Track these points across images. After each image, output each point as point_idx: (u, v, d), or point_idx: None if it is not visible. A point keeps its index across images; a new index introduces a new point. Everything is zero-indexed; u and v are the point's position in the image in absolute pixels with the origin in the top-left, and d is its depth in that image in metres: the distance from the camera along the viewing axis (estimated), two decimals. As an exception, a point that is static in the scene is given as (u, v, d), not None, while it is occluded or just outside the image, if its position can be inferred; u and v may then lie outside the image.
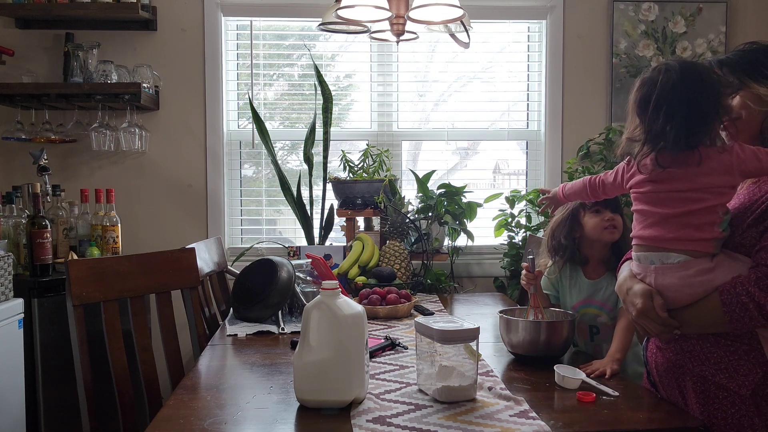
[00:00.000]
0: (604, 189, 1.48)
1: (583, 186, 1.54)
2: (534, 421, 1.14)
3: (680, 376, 1.28)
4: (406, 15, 1.93)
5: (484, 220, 2.88)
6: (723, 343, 1.21)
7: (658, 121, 1.22)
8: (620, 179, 1.38)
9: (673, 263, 1.23)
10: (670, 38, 2.99)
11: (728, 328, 1.18)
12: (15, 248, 2.37)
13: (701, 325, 1.23)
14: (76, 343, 1.65)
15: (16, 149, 2.79)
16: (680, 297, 1.23)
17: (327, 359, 1.21)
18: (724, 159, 1.20)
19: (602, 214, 1.72)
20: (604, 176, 1.47)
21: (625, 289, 1.33)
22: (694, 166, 1.21)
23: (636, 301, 1.27)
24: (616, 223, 1.71)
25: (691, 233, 1.21)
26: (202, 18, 2.89)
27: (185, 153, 2.93)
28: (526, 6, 3.02)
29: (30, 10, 2.71)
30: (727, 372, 1.20)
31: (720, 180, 1.21)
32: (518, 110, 3.17)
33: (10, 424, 2.02)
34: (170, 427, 1.14)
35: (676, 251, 1.23)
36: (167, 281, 1.93)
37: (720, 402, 1.21)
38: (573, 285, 1.79)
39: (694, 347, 1.25)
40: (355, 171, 2.72)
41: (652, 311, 1.24)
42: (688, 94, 1.21)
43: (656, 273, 1.25)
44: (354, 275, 2.37)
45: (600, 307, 1.73)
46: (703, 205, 1.21)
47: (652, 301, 1.24)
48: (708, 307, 1.20)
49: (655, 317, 1.24)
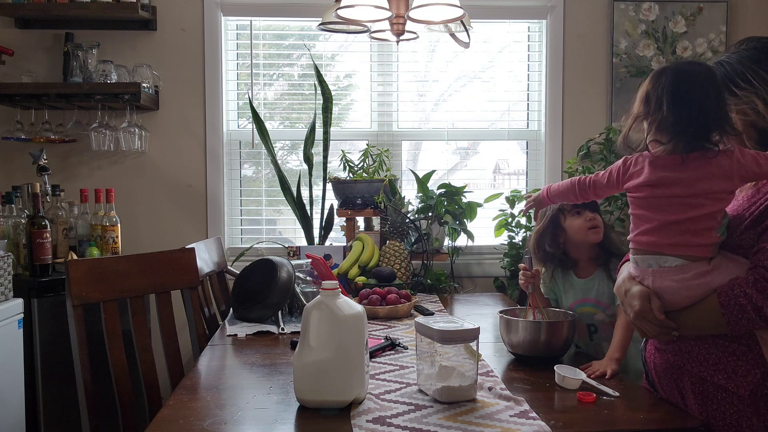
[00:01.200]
0: (595, 189, 1.42)
1: (570, 187, 1.48)
2: (534, 422, 1.14)
3: (679, 377, 1.28)
4: (406, 15, 1.92)
5: (484, 220, 2.88)
6: (721, 345, 1.21)
7: (670, 115, 1.20)
8: (615, 179, 1.35)
9: (670, 266, 1.23)
10: (670, 38, 2.99)
11: (726, 330, 1.17)
12: (15, 248, 2.37)
13: (699, 326, 1.22)
14: (76, 343, 1.65)
15: (16, 149, 2.79)
16: (678, 299, 1.23)
17: (327, 359, 1.20)
18: (725, 164, 1.19)
19: (583, 215, 1.72)
20: (595, 176, 1.43)
21: (623, 290, 1.32)
22: (694, 170, 1.20)
23: (634, 302, 1.27)
24: (597, 223, 1.72)
25: (689, 239, 1.21)
26: (201, 18, 2.89)
27: (185, 153, 2.93)
28: (526, 6, 3.02)
29: (30, 10, 2.70)
30: (726, 373, 1.20)
31: (719, 185, 1.19)
32: (518, 110, 3.16)
33: (10, 424, 2.02)
34: (170, 427, 1.14)
35: (674, 255, 1.22)
36: (167, 281, 1.93)
37: (719, 403, 1.21)
38: (567, 287, 1.80)
39: (692, 348, 1.25)
40: (355, 171, 2.72)
41: (649, 313, 1.24)
42: (703, 95, 1.20)
43: (654, 276, 1.25)
44: (354, 275, 2.37)
45: (595, 304, 1.73)
46: (703, 212, 1.20)
47: (649, 303, 1.24)
48: (706, 310, 1.20)
49: (652, 319, 1.24)
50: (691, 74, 1.23)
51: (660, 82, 1.25)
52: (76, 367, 1.64)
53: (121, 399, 1.65)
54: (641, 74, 2.98)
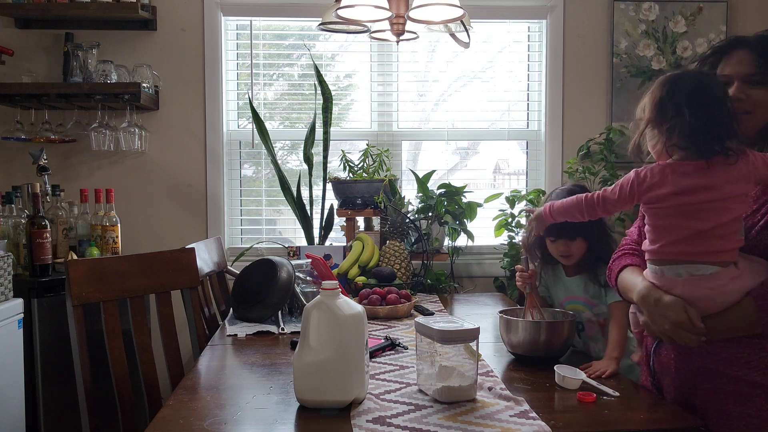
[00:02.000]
0: (605, 206, 1.36)
1: (576, 204, 1.40)
2: (534, 422, 1.14)
3: (708, 379, 1.27)
4: (406, 15, 1.92)
5: (484, 220, 2.88)
6: (750, 342, 1.22)
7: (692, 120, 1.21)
8: (628, 193, 1.29)
9: (703, 275, 1.23)
10: (670, 38, 2.99)
11: (759, 330, 1.19)
12: (15, 248, 2.37)
13: (732, 329, 1.23)
14: (76, 344, 1.65)
15: (16, 149, 2.79)
16: (712, 306, 1.23)
17: (327, 359, 1.20)
18: (743, 167, 1.21)
19: (556, 244, 1.70)
20: (603, 193, 1.36)
21: (651, 300, 1.29)
22: (719, 175, 1.21)
23: (669, 313, 1.25)
24: (570, 252, 1.69)
25: (721, 244, 1.22)
26: (201, 18, 2.89)
27: (185, 153, 2.93)
28: (526, 6, 3.02)
29: (30, 10, 2.71)
30: (759, 369, 1.21)
31: (742, 188, 1.22)
32: (518, 110, 3.16)
33: (10, 424, 2.02)
34: (170, 427, 1.14)
35: (707, 263, 1.22)
36: (167, 281, 1.93)
37: (756, 400, 1.21)
38: (557, 283, 1.80)
39: (722, 350, 1.25)
40: (355, 171, 2.72)
41: (687, 323, 1.23)
42: (721, 101, 1.23)
43: (684, 285, 1.24)
44: (354, 275, 2.37)
45: (583, 302, 1.72)
46: (732, 216, 1.21)
47: (686, 313, 1.23)
48: (741, 313, 1.21)
49: (689, 328, 1.23)
50: (708, 81, 1.26)
51: (676, 88, 1.25)
52: (76, 367, 1.64)
53: (121, 399, 1.65)
54: (641, 74, 2.98)
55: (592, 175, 2.75)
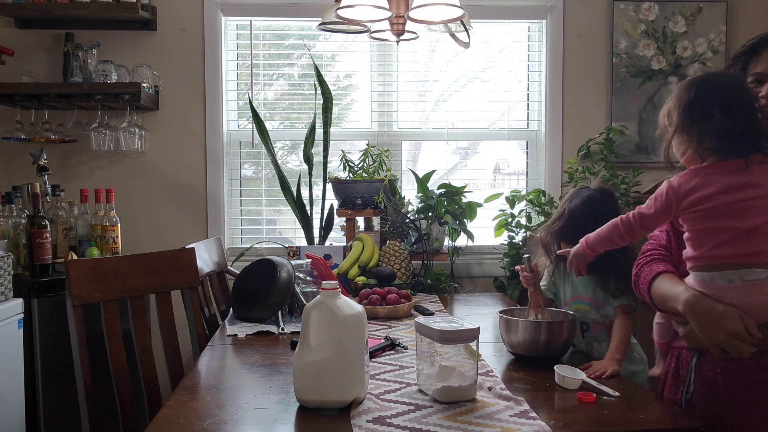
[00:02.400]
0: (643, 223, 1.32)
1: (614, 230, 1.37)
2: (534, 422, 1.14)
3: (760, 395, 1.22)
4: (406, 15, 1.92)
5: (484, 220, 2.88)
6: None
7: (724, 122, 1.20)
8: (665, 203, 1.26)
9: (758, 279, 1.19)
10: (670, 38, 2.99)
11: None
12: (15, 248, 2.37)
13: None
14: (76, 344, 1.65)
15: (16, 149, 2.79)
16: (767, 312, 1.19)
17: (327, 359, 1.20)
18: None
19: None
20: (638, 211, 1.32)
21: (702, 310, 1.23)
22: (759, 172, 1.19)
23: (724, 323, 1.20)
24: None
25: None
26: (201, 18, 2.89)
27: (185, 153, 2.93)
28: (526, 6, 3.02)
29: (30, 10, 2.70)
30: None
31: None
32: (518, 110, 3.16)
33: (10, 424, 2.02)
34: (170, 427, 1.14)
35: (759, 266, 1.19)
36: (167, 281, 1.93)
37: None
38: (566, 280, 1.79)
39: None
40: (355, 171, 2.72)
41: (744, 333, 1.18)
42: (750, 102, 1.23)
43: (738, 291, 1.20)
44: (354, 275, 2.37)
45: (590, 303, 1.72)
46: None
47: (743, 323, 1.18)
48: None
49: (746, 338, 1.18)
50: (733, 82, 1.25)
51: (702, 91, 1.24)
52: (76, 367, 1.64)
53: (121, 399, 1.65)
54: (641, 74, 2.98)
55: (592, 175, 2.75)
